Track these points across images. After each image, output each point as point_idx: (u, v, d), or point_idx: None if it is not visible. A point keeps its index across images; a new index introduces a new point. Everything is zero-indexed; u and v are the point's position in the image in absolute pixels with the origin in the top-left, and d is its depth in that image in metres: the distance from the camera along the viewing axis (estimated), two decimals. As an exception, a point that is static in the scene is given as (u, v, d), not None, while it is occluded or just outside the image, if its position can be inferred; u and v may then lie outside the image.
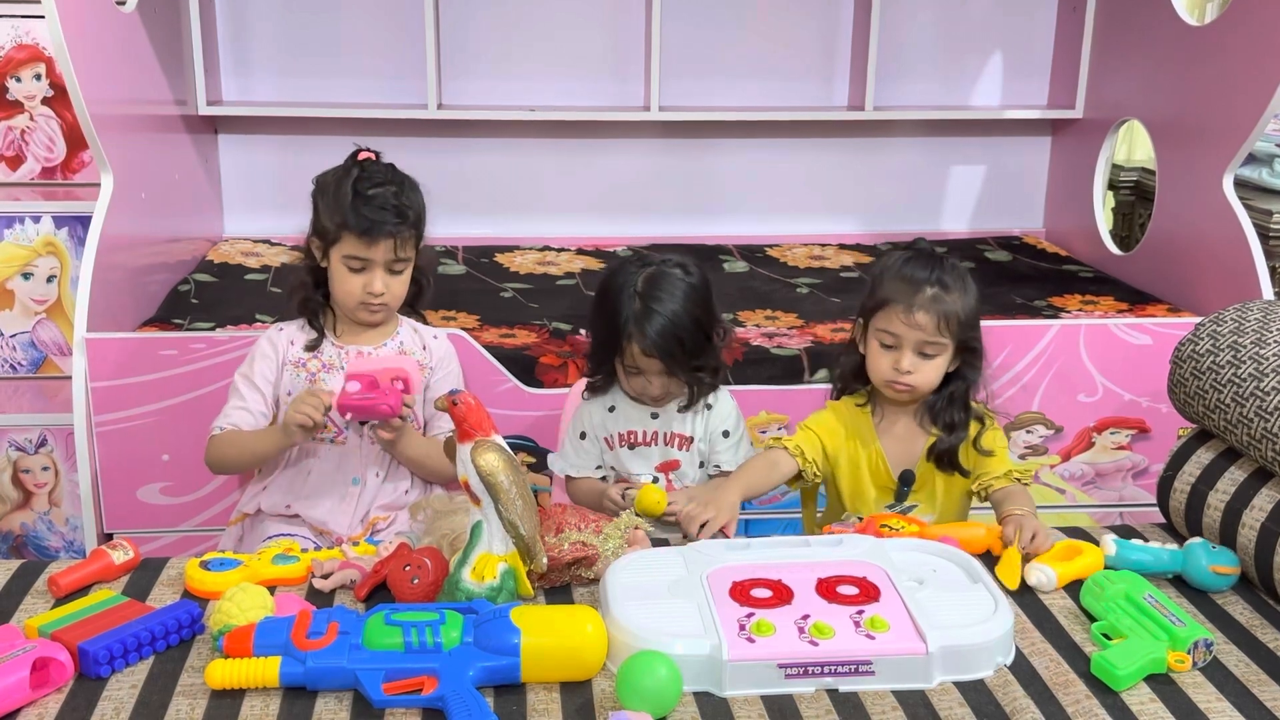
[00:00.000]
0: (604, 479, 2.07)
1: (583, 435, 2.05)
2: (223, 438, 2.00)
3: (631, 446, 2.03)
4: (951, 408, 1.89)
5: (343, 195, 1.92)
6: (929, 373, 1.84)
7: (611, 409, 2.04)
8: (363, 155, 1.99)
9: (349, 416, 1.90)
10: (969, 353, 1.88)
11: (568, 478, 2.06)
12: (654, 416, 2.03)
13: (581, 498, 2.03)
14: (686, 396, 2.00)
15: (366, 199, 1.91)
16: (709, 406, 2.03)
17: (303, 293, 2.04)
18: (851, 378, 1.98)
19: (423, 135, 3.44)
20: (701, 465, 2.04)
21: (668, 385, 1.96)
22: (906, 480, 1.91)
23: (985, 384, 1.93)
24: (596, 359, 2.01)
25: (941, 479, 1.93)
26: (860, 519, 1.85)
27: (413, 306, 2.10)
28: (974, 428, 1.90)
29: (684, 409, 2.01)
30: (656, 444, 2.03)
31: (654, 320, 1.88)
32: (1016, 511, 1.75)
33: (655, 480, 2.01)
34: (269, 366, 2.02)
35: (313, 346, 2.02)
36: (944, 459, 1.89)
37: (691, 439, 2.03)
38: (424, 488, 2.08)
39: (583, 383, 2.14)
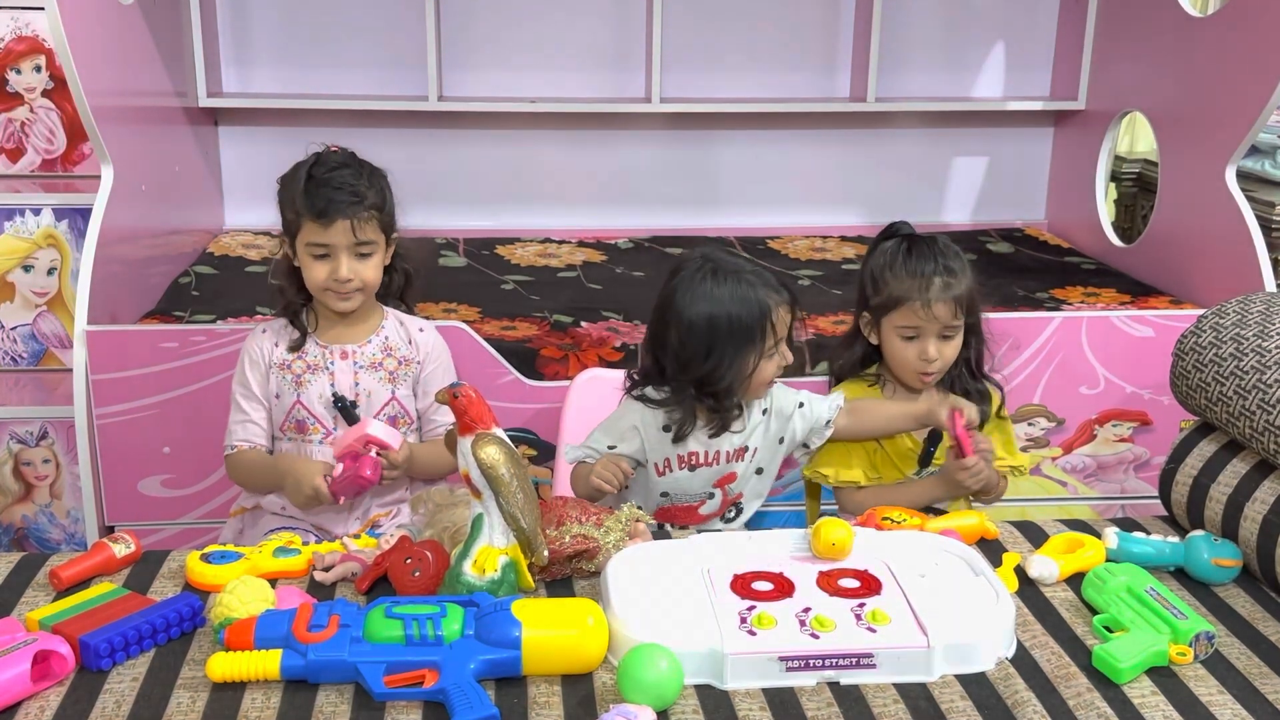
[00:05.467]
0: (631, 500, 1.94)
1: (611, 447, 1.93)
2: (238, 460, 2.02)
3: (692, 469, 1.94)
4: (962, 375, 1.98)
5: (297, 183, 1.92)
6: (951, 352, 1.94)
7: (667, 429, 1.92)
8: (329, 149, 1.98)
9: (342, 500, 1.90)
10: (973, 321, 1.97)
11: (578, 463, 1.95)
12: (711, 436, 1.93)
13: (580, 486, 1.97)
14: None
15: (319, 182, 1.91)
16: (765, 412, 1.95)
17: (284, 296, 2.03)
18: (855, 369, 2.02)
19: (423, 127, 3.44)
20: (759, 471, 1.98)
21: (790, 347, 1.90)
22: (934, 439, 1.95)
23: (990, 351, 2.02)
24: (729, 387, 1.86)
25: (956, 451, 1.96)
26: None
27: (401, 298, 2.09)
28: (996, 397, 1.99)
29: (792, 374, 1.97)
30: (718, 463, 1.94)
31: (767, 275, 1.87)
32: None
33: (711, 496, 1.95)
34: (258, 373, 2.01)
35: (295, 347, 2.01)
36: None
37: (745, 449, 1.95)
38: (423, 482, 2.08)
39: (584, 377, 2.12)
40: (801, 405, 1.97)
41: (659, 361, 1.91)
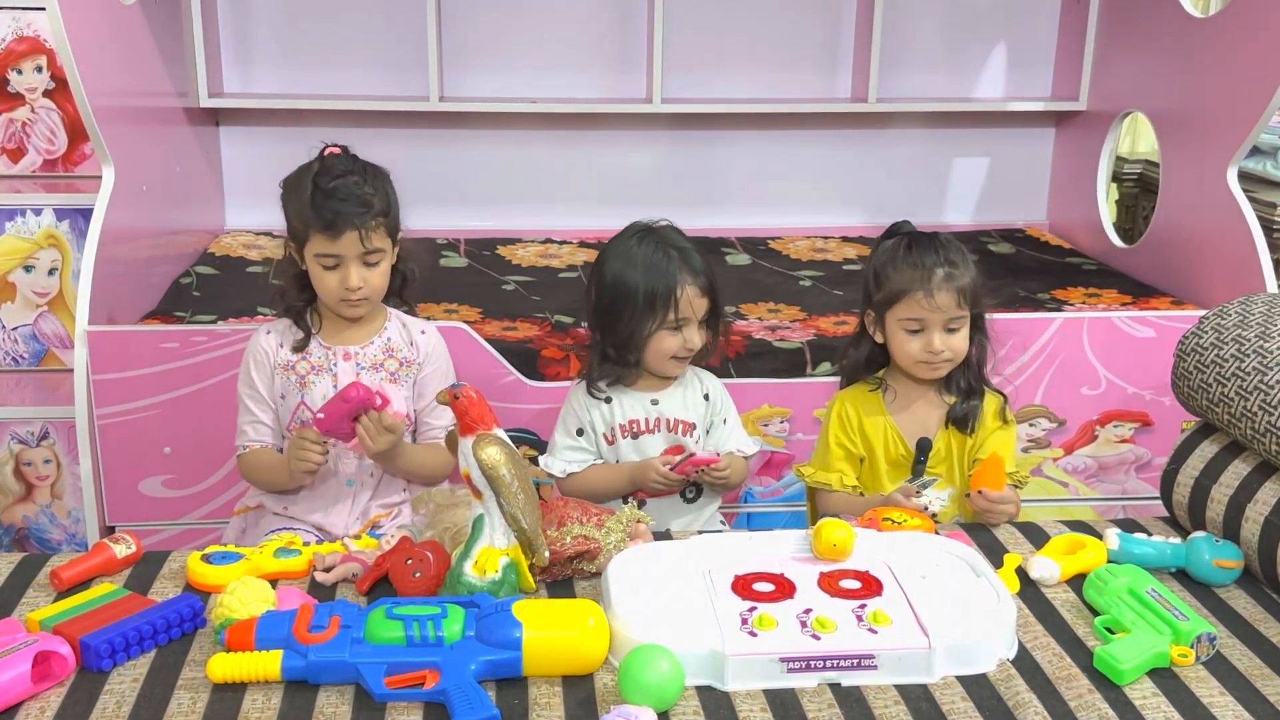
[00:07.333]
0: None
1: (580, 432, 2.04)
2: (248, 459, 2.01)
3: (635, 436, 2.03)
4: (966, 374, 1.97)
5: (304, 193, 1.89)
6: (958, 345, 1.93)
7: (608, 400, 2.03)
8: (328, 151, 1.95)
9: (328, 428, 1.84)
10: (977, 318, 1.96)
11: (568, 475, 2.04)
12: (654, 403, 2.03)
13: (590, 488, 2.01)
14: (704, 349, 2.03)
15: (326, 193, 1.88)
16: (706, 397, 2.06)
17: (285, 299, 2.02)
18: (861, 369, 2.02)
19: (424, 127, 3.44)
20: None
21: (702, 335, 2.00)
22: (924, 448, 1.94)
23: (993, 350, 2.02)
24: (625, 343, 1.98)
25: (958, 455, 1.97)
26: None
27: (401, 297, 2.08)
28: (997, 401, 1.99)
29: (699, 361, 2.06)
30: (660, 430, 2.03)
31: (693, 257, 1.97)
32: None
33: (665, 464, 1.98)
34: (263, 374, 2.00)
35: (299, 348, 2.00)
36: (963, 422, 1.96)
37: (694, 425, 2.04)
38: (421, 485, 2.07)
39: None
40: (725, 422, 2.08)
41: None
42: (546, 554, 1.54)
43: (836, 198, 3.64)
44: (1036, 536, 1.77)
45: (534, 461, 2.42)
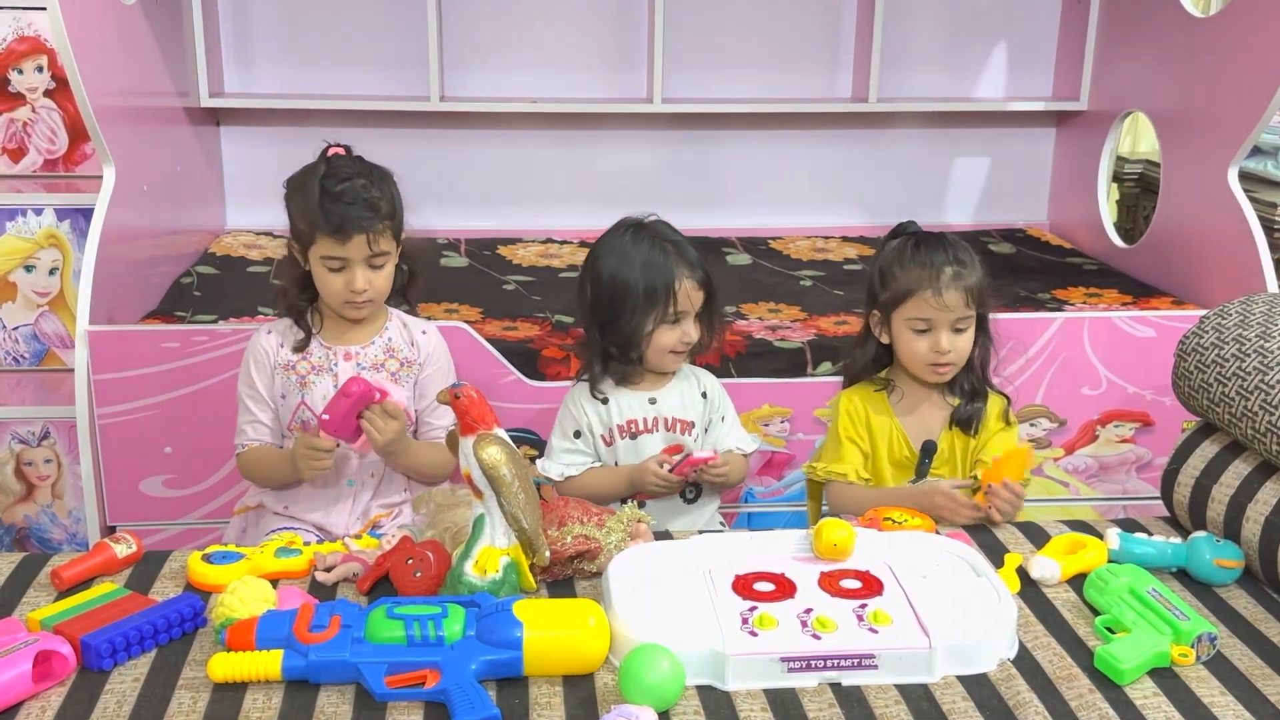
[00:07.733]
0: None
1: (577, 434, 2.04)
2: (248, 457, 2.01)
3: (634, 436, 2.03)
4: (970, 376, 1.97)
5: (310, 195, 1.88)
6: (964, 346, 1.93)
7: (605, 401, 2.03)
8: (331, 151, 1.95)
9: (334, 428, 1.83)
10: (981, 319, 1.96)
11: (566, 479, 2.04)
12: (652, 402, 2.03)
13: (588, 492, 2.01)
14: (700, 344, 2.03)
15: (334, 196, 1.87)
16: (704, 395, 2.06)
17: (287, 298, 2.02)
18: (867, 371, 2.01)
19: (425, 127, 3.44)
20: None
21: (698, 329, 2.00)
22: (928, 451, 1.95)
23: (995, 351, 2.02)
24: (626, 340, 1.97)
25: (962, 456, 1.97)
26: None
27: (404, 296, 2.08)
28: (1000, 403, 1.98)
29: (697, 356, 2.06)
30: (658, 430, 2.03)
31: (688, 251, 1.98)
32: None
33: (660, 465, 1.98)
34: (263, 374, 2.00)
35: (300, 348, 2.00)
36: (968, 424, 1.96)
37: (692, 424, 2.04)
38: (424, 483, 2.07)
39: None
40: (724, 419, 2.08)
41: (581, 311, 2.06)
42: (547, 554, 1.54)
43: (837, 198, 3.64)
44: (1037, 536, 1.77)
45: (533, 462, 2.43)
